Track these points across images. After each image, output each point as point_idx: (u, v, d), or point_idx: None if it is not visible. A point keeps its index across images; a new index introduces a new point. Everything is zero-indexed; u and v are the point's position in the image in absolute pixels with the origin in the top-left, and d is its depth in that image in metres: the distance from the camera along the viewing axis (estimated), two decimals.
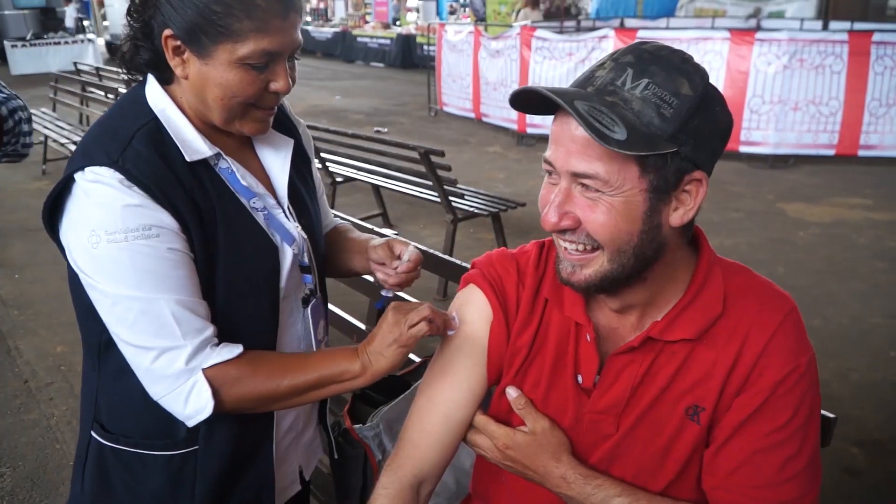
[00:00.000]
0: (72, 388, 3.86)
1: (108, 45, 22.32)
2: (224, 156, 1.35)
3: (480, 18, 15.14)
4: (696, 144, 1.06)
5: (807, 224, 6.46)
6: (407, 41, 18.67)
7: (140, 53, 1.30)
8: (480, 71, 10.79)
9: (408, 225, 6.47)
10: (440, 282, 4.89)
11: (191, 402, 1.26)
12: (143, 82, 1.35)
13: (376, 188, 6.20)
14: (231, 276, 1.33)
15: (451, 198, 5.08)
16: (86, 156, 1.24)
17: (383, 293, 1.57)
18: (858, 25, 10.04)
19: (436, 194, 5.14)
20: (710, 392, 1.17)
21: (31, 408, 3.73)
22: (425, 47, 16.85)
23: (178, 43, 1.25)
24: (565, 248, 1.15)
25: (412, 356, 2.20)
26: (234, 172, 1.36)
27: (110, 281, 1.22)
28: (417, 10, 21.91)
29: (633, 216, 1.08)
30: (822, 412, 1.38)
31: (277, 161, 1.47)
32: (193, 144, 1.30)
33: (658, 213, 1.09)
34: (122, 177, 1.20)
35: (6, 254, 5.98)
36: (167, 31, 1.24)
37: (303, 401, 1.37)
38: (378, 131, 10.62)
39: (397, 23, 21.60)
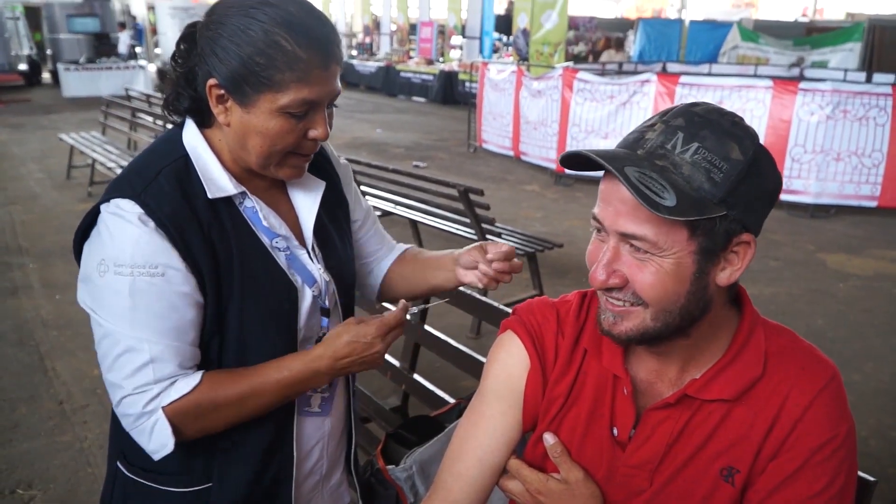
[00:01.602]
0: (106, 411, 3.89)
1: (160, 71, 22.81)
2: (249, 195, 1.38)
3: (523, 58, 15.27)
4: (746, 207, 1.07)
5: (847, 276, 6.37)
6: (449, 78, 18.86)
7: (180, 100, 1.35)
8: (521, 110, 10.86)
9: None
10: (473, 321, 4.89)
11: (153, 439, 1.29)
12: (182, 124, 1.39)
13: (413, 223, 6.23)
14: (245, 313, 1.36)
15: (488, 236, 5.09)
16: (115, 189, 1.29)
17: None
18: None
19: (473, 232, 5.15)
20: (745, 454, 1.16)
21: (65, 430, 3.77)
22: (467, 84, 17.02)
23: (222, 91, 1.28)
24: (608, 300, 1.15)
25: (447, 397, 2.20)
26: (258, 212, 1.38)
27: (106, 312, 1.26)
28: (461, 48, 22.13)
29: (682, 277, 1.08)
30: (862, 475, 1.36)
31: (307, 203, 1.49)
32: (218, 182, 1.34)
33: (706, 274, 1.10)
34: (141, 211, 1.24)
35: (49, 274, 6.09)
36: (211, 81, 1.28)
37: (270, 408, 1.39)
38: (417, 166, 10.70)
39: (440, 59, 21.84)
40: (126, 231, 1.24)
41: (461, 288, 2.45)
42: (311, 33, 1.26)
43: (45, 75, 23.23)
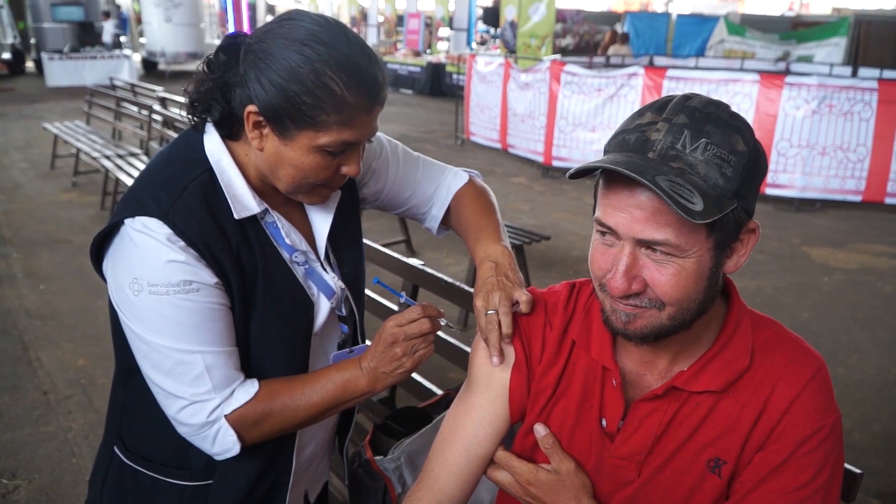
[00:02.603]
0: (91, 401, 3.88)
1: (144, 61, 22.65)
2: (270, 211, 1.37)
3: (510, 50, 15.26)
4: (750, 196, 1.07)
5: (832, 269, 6.41)
6: (436, 70, 18.82)
7: (211, 112, 1.31)
8: (509, 102, 10.85)
9: (430, 253, 6.49)
10: (461, 312, 4.89)
11: (217, 444, 1.31)
12: (202, 127, 1.36)
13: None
14: (266, 328, 1.36)
15: None
16: (138, 202, 1.26)
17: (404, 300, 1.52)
18: (888, 73, 10.05)
19: None
20: (732, 445, 1.16)
21: (50, 420, 3.74)
22: (454, 76, 16.99)
23: (261, 119, 1.26)
24: (621, 303, 1.13)
25: (434, 388, 2.20)
26: (279, 228, 1.38)
27: (150, 330, 1.26)
28: (448, 40, 22.09)
29: (702, 275, 1.08)
30: (848, 467, 1.37)
31: (322, 213, 1.48)
32: (243, 200, 1.32)
33: (720, 267, 1.10)
34: (169, 231, 1.23)
35: (32, 264, 6.05)
36: (252, 107, 1.24)
37: (321, 419, 1.42)
38: None
39: (428, 51, 21.79)
40: (156, 251, 1.23)
41: (448, 279, 2.45)
42: (361, 77, 1.24)
43: (29, 64, 22.99)
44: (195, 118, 1.35)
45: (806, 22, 19.62)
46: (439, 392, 2.06)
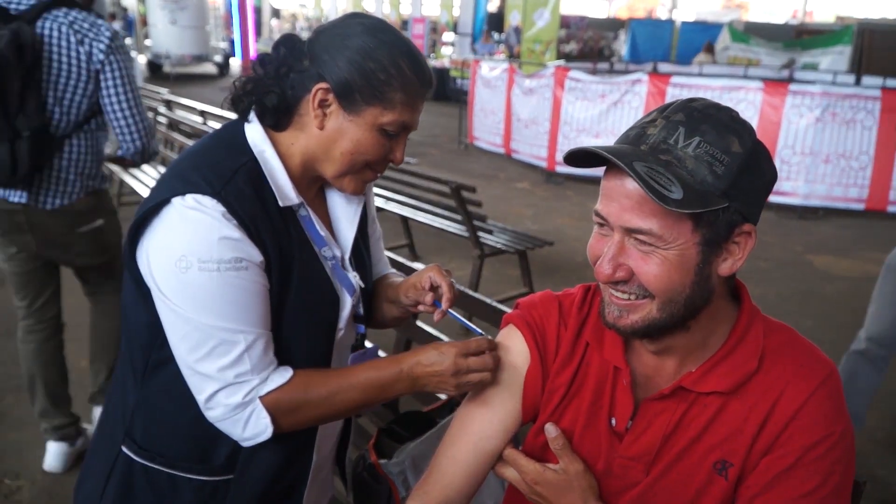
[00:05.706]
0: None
1: (150, 63, 22.68)
2: (305, 205, 1.41)
3: (512, 55, 15.28)
4: (746, 199, 1.09)
5: (834, 277, 6.41)
6: (440, 74, 18.83)
7: (268, 97, 1.36)
8: (513, 107, 10.87)
9: (434, 257, 6.49)
10: (465, 317, 4.88)
11: (249, 427, 1.31)
12: (242, 121, 1.40)
13: (404, 219, 6.23)
14: (295, 319, 1.38)
15: (479, 233, 5.09)
16: (185, 182, 1.28)
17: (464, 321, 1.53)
18: (891, 82, 10.06)
19: (465, 229, 5.15)
20: (739, 448, 1.17)
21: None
22: (458, 81, 17.00)
23: (329, 96, 1.33)
24: (612, 294, 1.16)
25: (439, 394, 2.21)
26: (313, 222, 1.42)
27: (195, 308, 1.26)
28: (452, 45, 22.12)
29: (687, 268, 1.10)
30: None
31: (347, 214, 1.53)
32: (285, 190, 1.36)
33: (709, 265, 1.11)
34: (224, 209, 1.25)
35: None
36: (323, 84, 1.32)
37: (350, 414, 1.46)
38: (408, 162, 10.67)
39: (432, 56, 21.81)
40: (210, 227, 1.24)
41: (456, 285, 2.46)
42: (423, 66, 1.39)
43: None
44: (239, 108, 1.40)
45: (810, 30, 19.63)
46: (443, 396, 2.07)
